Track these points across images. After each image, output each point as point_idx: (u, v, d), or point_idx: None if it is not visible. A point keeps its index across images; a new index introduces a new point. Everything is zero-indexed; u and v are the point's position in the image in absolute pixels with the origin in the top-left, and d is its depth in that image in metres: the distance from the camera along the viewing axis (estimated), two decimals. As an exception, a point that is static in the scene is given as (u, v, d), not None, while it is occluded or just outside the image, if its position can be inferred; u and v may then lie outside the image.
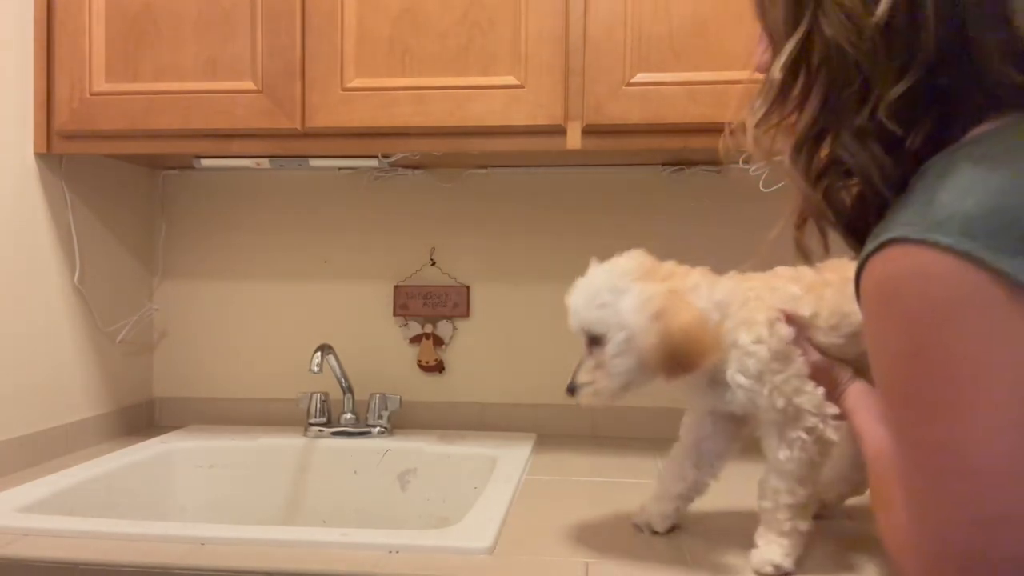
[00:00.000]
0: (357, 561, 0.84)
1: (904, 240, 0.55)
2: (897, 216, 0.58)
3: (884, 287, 0.57)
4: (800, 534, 0.83)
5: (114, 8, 1.24)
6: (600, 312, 0.83)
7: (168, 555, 0.85)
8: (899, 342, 0.57)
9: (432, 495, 1.34)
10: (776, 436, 0.82)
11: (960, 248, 0.53)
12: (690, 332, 0.79)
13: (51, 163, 1.30)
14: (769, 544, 0.83)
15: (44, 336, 1.28)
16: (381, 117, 1.19)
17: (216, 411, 1.56)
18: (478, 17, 1.18)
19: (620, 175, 1.49)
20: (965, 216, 0.53)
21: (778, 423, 0.82)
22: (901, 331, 0.56)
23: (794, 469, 0.81)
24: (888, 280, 0.57)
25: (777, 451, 0.82)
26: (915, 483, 0.57)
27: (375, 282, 1.55)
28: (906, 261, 0.56)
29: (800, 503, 0.82)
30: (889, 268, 0.57)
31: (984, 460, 0.53)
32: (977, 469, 0.53)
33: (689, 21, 1.14)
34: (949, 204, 0.55)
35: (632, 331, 0.80)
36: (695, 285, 0.85)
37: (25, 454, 1.21)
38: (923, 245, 0.54)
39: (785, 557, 0.81)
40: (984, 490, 0.53)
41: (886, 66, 0.60)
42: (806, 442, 0.81)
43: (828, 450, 0.82)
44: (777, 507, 0.83)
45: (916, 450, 0.57)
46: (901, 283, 0.56)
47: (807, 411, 0.81)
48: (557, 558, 0.87)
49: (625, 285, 0.83)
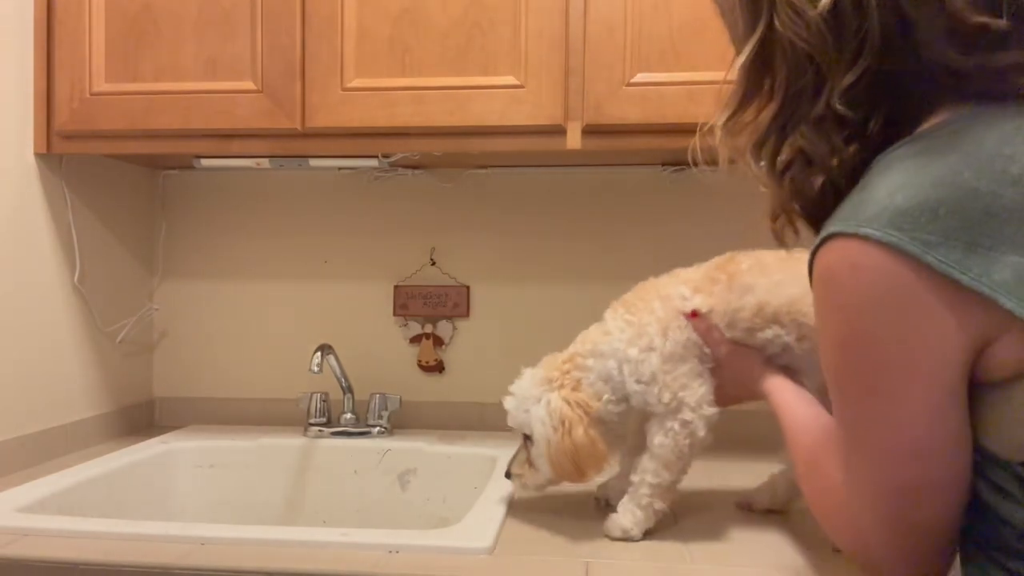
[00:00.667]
0: (357, 561, 0.84)
1: (840, 234, 0.59)
2: (839, 212, 0.61)
3: (824, 278, 0.61)
4: (655, 511, 0.93)
5: (114, 8, 1.24)
6: (526, 416, 0.95)
7: (168, 555, 0.85)
8: (837, 329, 0.61)
9: (432, 495, 1.34)
10: (658, 424, 0.93)
11: (887, 240, 0.55)
12: (585, 445, 0.91)
13: (51, 163, 1.30)
14: (625, 513, 0.93)
15: (44, 336, 1.28)
16: (381, 117, 1.19)
17: (216, 411, 1.56)
18: (478, 17, 1.18)
19: (620, 175, 1.49)
20: (895, 210, 0.56)
21: (661, 414, 0.93)
22: (838, 319, 0.61)
23: (663, 454, 0.92)
24: (826, 271, 0.61)
25: (654, 437, 0.93)
26: (851, 455, 0.63)
27: (375, 282, 1.55)
28: (841, 254, 0.59)
29: (662, 484, 0.92)
30: (828, 260, 0.60)
31: (905, 437, 0.59)
32: (900, 444, 0.59)
33: (689, 21, 1.14)
34: (881, 199, 0.57)
35: (547, 438, 0.92)
36: (591, 350, 0.96)
37: (25, 454, 1.21)
38: (855, 238, 0.57)
39: (635, 525, 0.92)
40: (905, 462, 0.59)
41: (836, 56, 0.62)
42: (678, 433, 0.91)
43: (697, 443, 0.92)
44: (642, 483, 0.93)
45: (852, 426, 0.62)
46: (837, 274, 0.59)
47: (687, 405, 0.91)
48: (557, 558, 0.87)
49: (539, 393, 0.95)
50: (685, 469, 0.94)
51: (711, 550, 0.90)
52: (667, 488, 0.93)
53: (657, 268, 1.10)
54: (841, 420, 0.64)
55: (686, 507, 1.04)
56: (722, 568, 0.85)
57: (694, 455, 0.94)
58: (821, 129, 0.65)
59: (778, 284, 0.90)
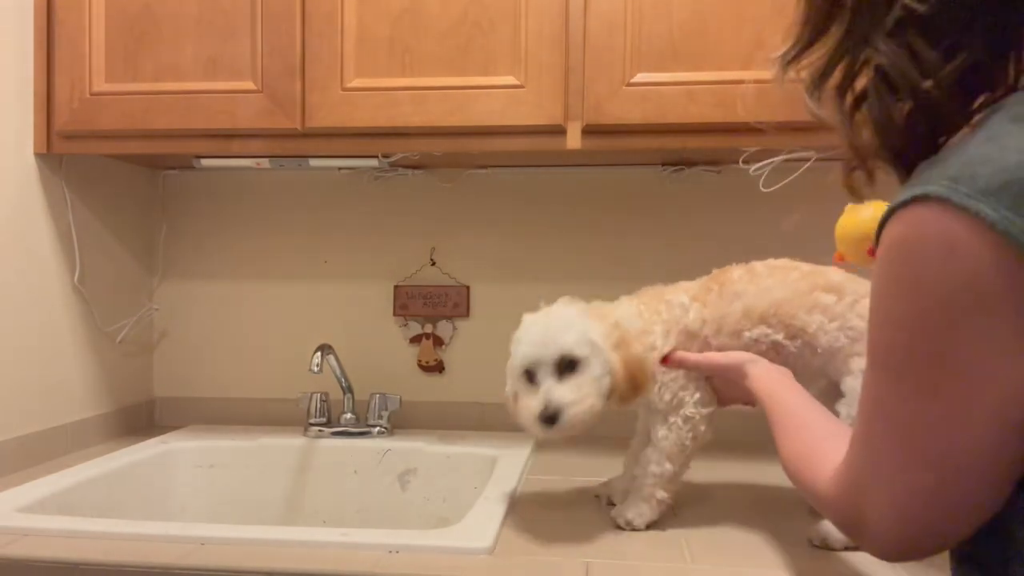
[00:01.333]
0: (357, 561, 0.84)
1: (940, 199, 0.47)
2: (942, 161, 0.49)
3: (904, 247, 0.50)
4: (658, 501, 0.96)
5: (114, 8, 1.24)
6: (578, 338, 0.92)
7: (168, 555, 0.85)
8: (903, 308, 0.50)
9: (432, 495, 1.34)
10: (662, 420, 0.97)
11: (1009, 231, 0.44)
12: (642, 361, 0.93)
13: (51, 163, 1.30)
14: (630, 505, 0.97)
15: (44, 336, 1.28)
16: (381, 117, 1.19)
17: (216, 411, 1.56)
18: (478, 17, 1.18)
19: (620, 175, 1.49)
20: (1020, 188, 0.44)
21: (663, 411, 0.97)
22: (908, 299, 0.50)
23: (666, 446, 0.96)
24: (909, 241, 0.49)
25: (658, 431, 0.97)
26: (880, 442, 0.54)
27: (375, 282, 1.55)
28: (938, 227, 0.47)
29: (665, 474, 0.96)
30: (915, 229, 0.49)
31: (957, 449, 0.49)
32: (946, 456, 0.50)
33: (689, 21, 1.13)
34: (1009, 163, 0.45)
35: (606, 357, 0.91)
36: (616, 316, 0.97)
37: (25, 454, 1.21)
38: (963, 213, 0.46)
39: (638, 516, 0.96)
40: (947, 476, 0.50)
41: None
42: (681, 428, 0.96)
43: (699, 437, 0.96)
44: (646, 475, 0.97)
45: (893, 418, 0.53)
46: (924, 249, 0.48)
47: (688, 403, 0.96)
48: (557, 558, 0.87)
49: (584, 320, 0.94)
50: (687, 462, 0.98)
51: (711, 550, 0.90)
52: (670, 479, 0.96)
53: (657, 268, 1.10)
54: (881, 409, 0.53)
55: (686, 507, 1.05)
56: (722, 568, 0.85)
57: (696, 449, 0.97)
58: (901, 37, 0.52)
59: (766, 289, 0.96)
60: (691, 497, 1.10)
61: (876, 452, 0.54)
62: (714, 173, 1.44)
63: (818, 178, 1.24)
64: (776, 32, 1.11)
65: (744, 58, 1.12)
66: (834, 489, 0.60)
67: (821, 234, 0.98)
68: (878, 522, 0.54)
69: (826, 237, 0.97)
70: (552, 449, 1.36)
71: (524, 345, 0.94)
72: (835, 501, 0.60)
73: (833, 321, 0.93)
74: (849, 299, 0.94)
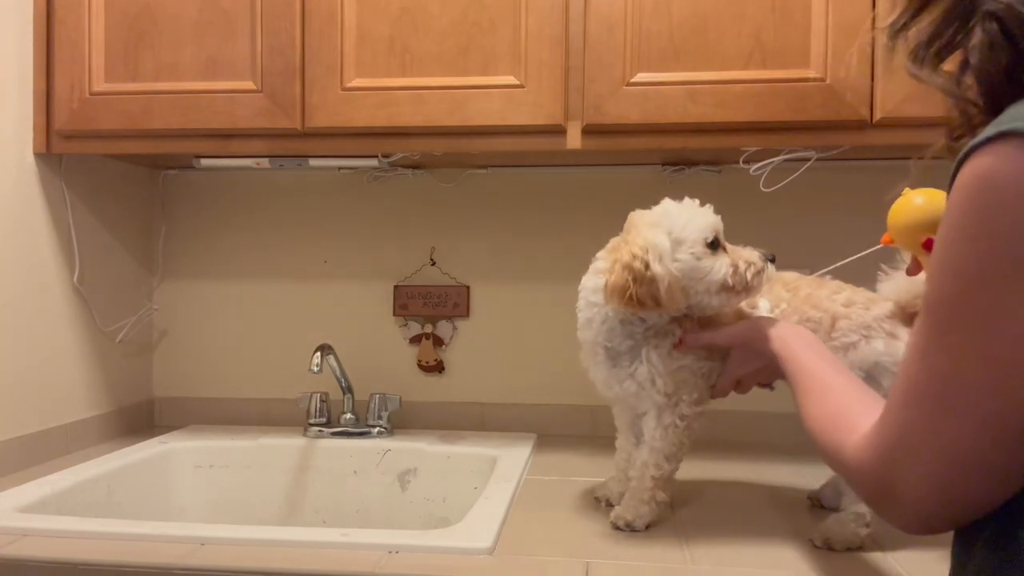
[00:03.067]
0: (357, 561, 0.84)
1: None
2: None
3: (977, 186, 0.45)
4: (657, 503, 0.97)
5: (114, 8, 1.24)
6: None
7: (168, 555, 0.85)
8: (967, 257, 0.46)
9: (432, 495, 1.34)
10: (655, 419, 0.96)
11: None
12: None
13: (51, 163, 1.30)
14: (629, 507, 0.97)
15: (44, 336, 1.28)
16: (381, 117, 1.19)
17: (216, 411, 1.56)
18: (478, 17, 1.18)
19: (620, 175, 1.48)
20: None
21: (660, 407, 0.96)
22: (973, 245, 0.46)
23: (664, 447, 0.96)
24: (983, 178, 0.45)
25: (654, 431, 0.96)
26: (920, 405, 0.51)
27: (375, 282, 1.55)
28: (1018, 164, 0.43)
29: (663, 476, 0.96)
30: (993, 166, 0.44)
31: (999, 417, 0.47)
32: (987, 422, 0.47)
33: (689, 21, 1.13)
34: None
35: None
36: None
37: (25, 454, 1.21)
38: None
39: (638, 518, 0.96)
40: (985, 444, 0.48)
41: None
42: (677, 426, 0.95)
43: (693, 435, 0.97)
44: (644, 477, 0.97)
45: (935, 376, 0.50)
46: (1001, 189, 0.44)
47: (685, 401, 0.95)
48: (557, 558, 0.87)
49: None
50: (682, 459, 0.99)
51: (711, 550, 0.90)
52: (667, 480, 0.97)
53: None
54: (924, 366, 0.51)
55: (685, 506, 1.05)
56: (722, 568, 0.85)
57: (688, 448, 0.98)
58: None
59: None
60: (690, 497, 1.10)
61: (916, 414, 0.52)
62: (714, 173, 1.44)
63: (818, 178, 1.25)
64: (776, 32, 1.12)
65: (744, 58, 1.13)
66: (863, 454, 0.57)
67: (821, 234, 0.98)
68: (912, 489, 0.52)
69: (826, 237, 0.97)
70: (552, 449, 1.36)
71: (703, 216, 0.94)
72: (864, 466, 0.57)
73: None
74: None
